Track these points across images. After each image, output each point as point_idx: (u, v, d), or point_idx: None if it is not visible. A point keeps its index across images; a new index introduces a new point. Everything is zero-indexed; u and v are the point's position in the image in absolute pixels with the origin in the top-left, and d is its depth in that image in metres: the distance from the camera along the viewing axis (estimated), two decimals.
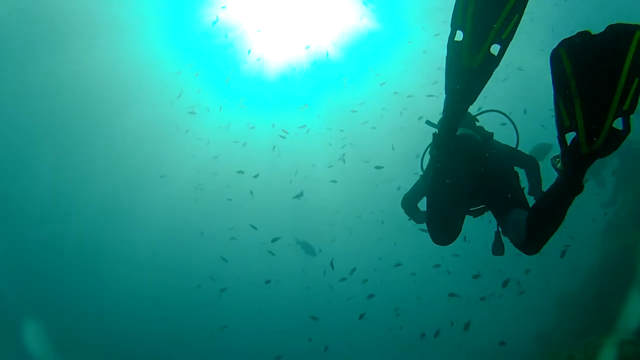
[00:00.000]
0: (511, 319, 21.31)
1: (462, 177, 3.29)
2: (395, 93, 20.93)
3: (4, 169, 24.02)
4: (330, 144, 23.71)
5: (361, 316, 19.62)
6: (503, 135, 4.12)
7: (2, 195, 24.72)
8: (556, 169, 2.51)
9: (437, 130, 2.83)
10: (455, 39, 2.38)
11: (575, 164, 2.20)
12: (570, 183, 2.33)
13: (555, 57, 2.04)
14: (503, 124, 4.13)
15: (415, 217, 4.61)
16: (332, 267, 15.37)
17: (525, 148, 4.16)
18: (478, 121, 3.96)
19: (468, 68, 2.37)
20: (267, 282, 19.60)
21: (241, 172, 18.82)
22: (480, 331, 19.36)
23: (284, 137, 20.20)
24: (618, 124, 2.03)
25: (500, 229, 3.63)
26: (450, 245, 3.46)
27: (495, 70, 2.40)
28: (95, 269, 28.17)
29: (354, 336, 25.68)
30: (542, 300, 19.61)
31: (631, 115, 2.02)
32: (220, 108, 22.16)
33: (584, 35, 1.98)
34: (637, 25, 1.92)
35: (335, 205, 28.11)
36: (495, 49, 2.35)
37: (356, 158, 23.34)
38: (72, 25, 18.77)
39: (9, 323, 19.74)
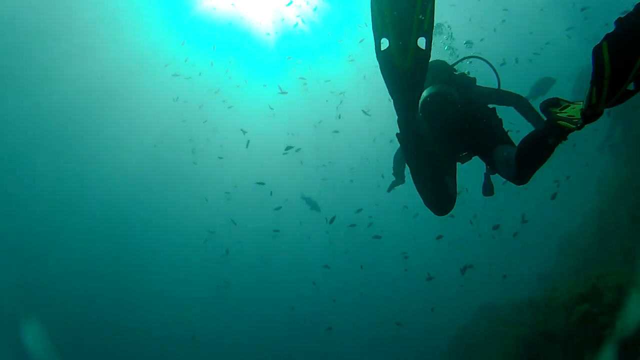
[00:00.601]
0: (512, 261, 21.82)
1: (438, 142, 3.40)
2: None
3: (3, 165, 23.98)
4: (327, 101, 23.54)
5: (362, 266, 20.14)
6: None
7: (2, 193, 24.73)
8: (546, 114, 2.58)
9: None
10: (382, 48, 2.46)
11: (589, 121, 2.28)
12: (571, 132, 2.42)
13: (597, 51, 2.02)
14: (502, 64, 4.15)
15: (397, 174, 4.82)
16: (332, 221, 15.75)
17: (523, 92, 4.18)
18: (457, 70, 3.92)
19: (403, 68, 2.47)
20: (276, 231, 20.03)
21: (244, 131, 18.87)
22: (482, 271, 19.92)
23: (285, 93, 20.09)
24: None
25: (488, 170, 3.71)
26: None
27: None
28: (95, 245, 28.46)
29: (360, 285, 26.42)
30: (543, 240, 20.05)
31: None
32: (212, 63, 21.82)
33: (620, 22, 1.95)
34: None
35: (333, 159, 28.25)
36: (421, 42, 2.43)
37: (351, 110, 23.20)
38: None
39: (9, 323, 19.70)
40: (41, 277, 25.75)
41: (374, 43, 2.45)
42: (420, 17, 2.37)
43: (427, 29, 2.40)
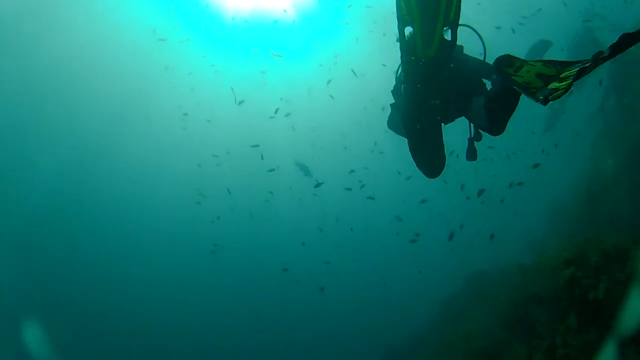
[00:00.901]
0: (503, 227, 22.13)
1: (430, 105, 3.39)
2: (367, 6, 20.28)
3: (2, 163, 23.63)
4: (321, 65, 23.22)
5: (352, 229, 20.37)
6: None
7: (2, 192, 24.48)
8: (501, 75, 2.51)
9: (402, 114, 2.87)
10: (407, 36, 2.39)
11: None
12: None
13: (596, 55, 1.98)
14: (498, 28, 4.15)
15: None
16: (317, 186, 16.07)
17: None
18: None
19: (425, 59, 2.40)
20: (270, 193, 20.26)
21: (234, 91, 18.68)
22: (472, 237, 20.22)
23: (279, 56, 19.81)
24: None
25: (471, 135, 3.76)
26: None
27: None
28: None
29: (352, 247, 26.80)
30: (534, 208, 20.26)
31: None
32: (202, 26, 21.36)
33: (623, 37, 1.87)
34: None
35: (324, 123, 28.16)
36: (447, 32, 2.37)
37: (344, 76, 22.95)
38: None
39: (9, 323, 19.76)
40: (41, 276, 25.77)
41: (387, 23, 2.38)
42: (448, 6, 2.29)
43: (453, 19, 2.33)
